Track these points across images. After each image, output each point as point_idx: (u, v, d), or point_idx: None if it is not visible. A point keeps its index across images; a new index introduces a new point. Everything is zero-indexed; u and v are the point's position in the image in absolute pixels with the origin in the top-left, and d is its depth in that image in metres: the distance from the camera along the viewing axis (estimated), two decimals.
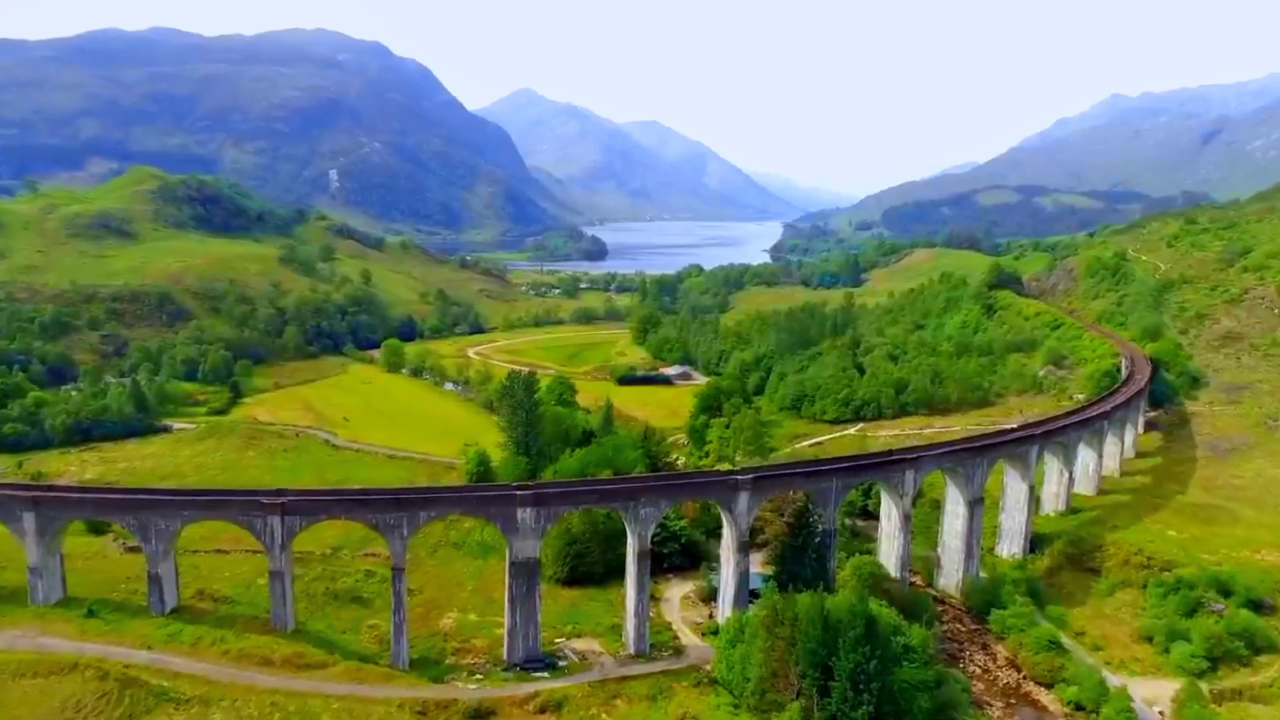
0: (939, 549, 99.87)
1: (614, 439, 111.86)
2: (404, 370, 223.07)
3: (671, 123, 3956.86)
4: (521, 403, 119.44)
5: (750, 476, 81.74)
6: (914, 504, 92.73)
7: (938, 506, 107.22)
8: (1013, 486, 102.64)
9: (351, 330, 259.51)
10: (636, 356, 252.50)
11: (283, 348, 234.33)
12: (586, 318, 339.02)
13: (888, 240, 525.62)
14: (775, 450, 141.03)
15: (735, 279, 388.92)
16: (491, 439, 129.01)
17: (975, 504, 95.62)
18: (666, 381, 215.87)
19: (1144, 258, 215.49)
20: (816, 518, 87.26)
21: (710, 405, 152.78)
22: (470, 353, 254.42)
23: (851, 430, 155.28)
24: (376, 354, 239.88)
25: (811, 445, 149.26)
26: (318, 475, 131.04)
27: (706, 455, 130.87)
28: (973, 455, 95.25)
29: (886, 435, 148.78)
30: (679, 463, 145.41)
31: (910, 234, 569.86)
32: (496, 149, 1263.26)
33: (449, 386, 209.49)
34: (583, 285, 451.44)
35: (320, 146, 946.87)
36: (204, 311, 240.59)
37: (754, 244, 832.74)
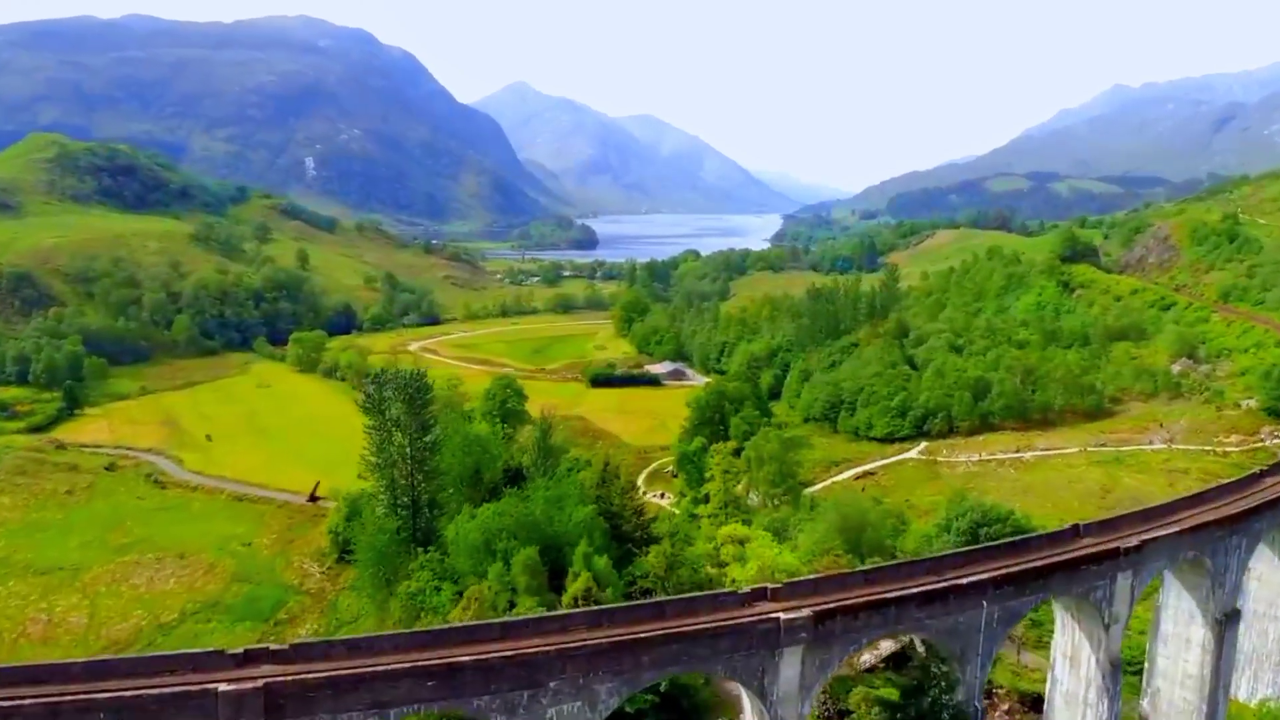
0: (1144, 699, 53.95)
1: (547, 488, 64.90)
2: (320, 370, 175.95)
3: (667, 117, 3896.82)
4: (400, 421, 72.72)
5: (809, 613, 35.29)
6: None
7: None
8: (1268, 579, 56.75)
9: (268, 320, 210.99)
10: (618, 351, 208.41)
11: (172, 342, 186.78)
12: (564, 307, 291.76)
13: (907, 221, 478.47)
14: (806, 486, 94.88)
15: (737, 264, 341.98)
16: None
17: (1227, 621, 49.93)
18: (653, 382, 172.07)
19: (1262, 221, 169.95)
20: (945, 684, 40.91)
21: (710, 418, 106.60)
22: (412, 347, 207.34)
23: (912, 453, 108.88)
24: None
25: (858, 476, 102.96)
26: (99, 535, 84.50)
27: (705, 500, 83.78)
28: (1226, 533, 49.16)
29: (967, 462, 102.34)
30: (663, 503, 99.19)
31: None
32: (487, 140, 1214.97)
33: None
34: (566, 274, 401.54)
35: (296, 134, 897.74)
36: (77, 297, 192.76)
37: (754, 235, 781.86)
